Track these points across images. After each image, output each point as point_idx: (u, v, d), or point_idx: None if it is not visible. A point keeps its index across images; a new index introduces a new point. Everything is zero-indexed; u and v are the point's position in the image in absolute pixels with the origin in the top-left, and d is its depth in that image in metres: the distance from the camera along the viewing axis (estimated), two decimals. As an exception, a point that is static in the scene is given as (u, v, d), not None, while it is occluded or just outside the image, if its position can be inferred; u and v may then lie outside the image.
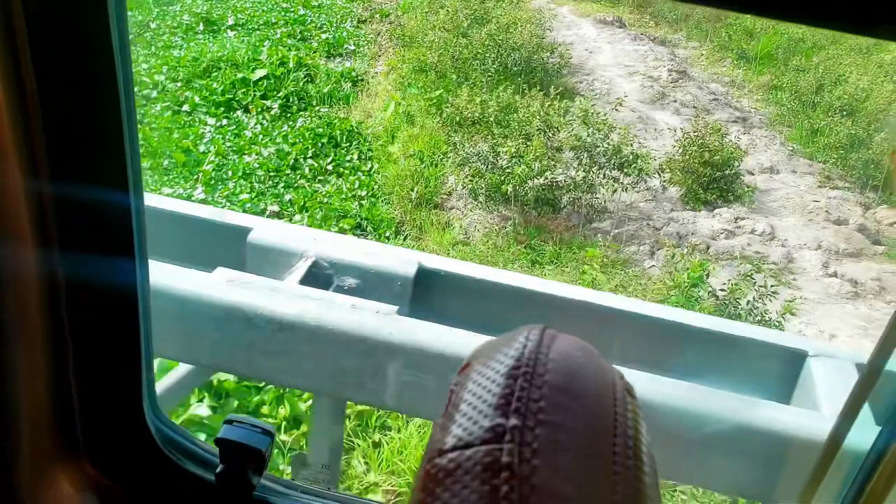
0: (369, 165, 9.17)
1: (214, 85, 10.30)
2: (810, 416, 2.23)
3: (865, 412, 1.55)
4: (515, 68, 10.04)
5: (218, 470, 1.35)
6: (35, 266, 1.16)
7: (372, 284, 2.60)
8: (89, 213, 1.19)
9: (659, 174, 8.19)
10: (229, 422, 1.35)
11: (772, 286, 5.64)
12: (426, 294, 2.68)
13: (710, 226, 7.98)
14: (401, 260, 2.66)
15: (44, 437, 1.29)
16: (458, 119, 8.78)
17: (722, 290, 5.72)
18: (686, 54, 12.92)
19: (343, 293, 2.53)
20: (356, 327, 2.28)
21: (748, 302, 5.56)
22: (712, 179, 8.36)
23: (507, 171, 7.66)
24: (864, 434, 1.46)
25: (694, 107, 10.65)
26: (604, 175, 8.00)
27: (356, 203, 8.56)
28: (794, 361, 2.45)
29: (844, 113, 9.69)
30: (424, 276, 2.67)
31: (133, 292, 1.25)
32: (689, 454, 2.19)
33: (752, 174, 9.12)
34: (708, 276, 5.87)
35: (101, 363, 1.30)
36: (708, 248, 7.62)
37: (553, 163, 7.94)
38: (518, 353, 0.59)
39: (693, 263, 6.03)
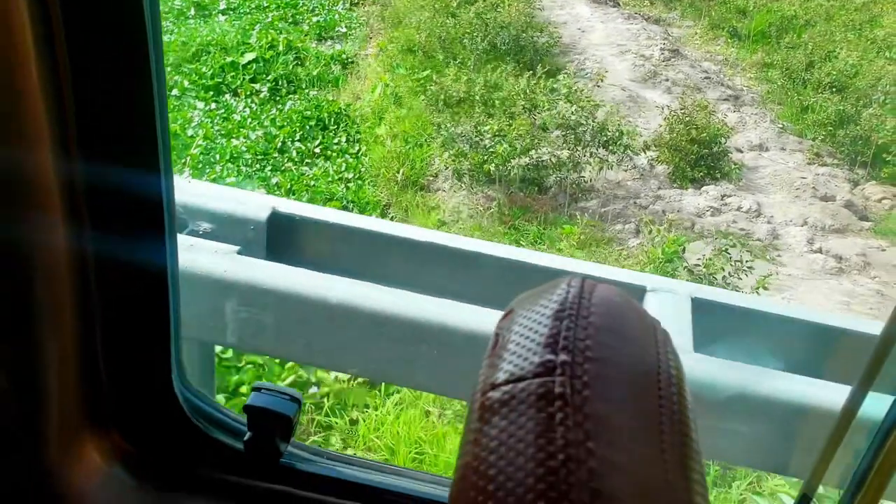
0: (357, 148, 9.16)
1: (203, 69, 10.29)
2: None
3: (881, 382, 1.55)
4: (504, 48, 9.99)
5: (246, 437, 1.36)
6: (65, 242, 1.18)
7: (226, 229, 2.62)
8: (120, 191, 1.20)
9: (644, 151, 8.16)
10: (257, 389, 1.35)
11: (747, 261, 5.63)
12: (284, 238, 2.71)
13: (696, 203, 7.96)
14: (255, 204, 2.69)
15: (73, 408, 1.30)
16: (443, 99, 8.75)
17: (697, 265, 5.72)
18: (680, 33, 12.83)
19: (198, 237, 2.55)
20: (188, 265, 2.30)
21: (723, 277, 5.56)
22: (699, 157, 8.33)
23: (490, 150, 7.65)
24: (879, 404, 1.46)
25: (686, 85, 10.59)
26: (589, 153, 7.98)
27: (343, 186, 8.57)
28: (633, 296, 2.52)
29: (834, 89, 9.62)
30: (279, 221, 2.69)
31: (163, 268, 1.26)
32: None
33: (741, 152, 9.08)
34: (684, 251, 5.87)
35: (129, 336, 1.32)
36: (693, 225, 7.60)
37: (538, 141, 7.92)
38: (561, 297, 0.62)
39: (668, 239, 6.03)
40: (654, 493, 0.53)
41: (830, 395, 2.20)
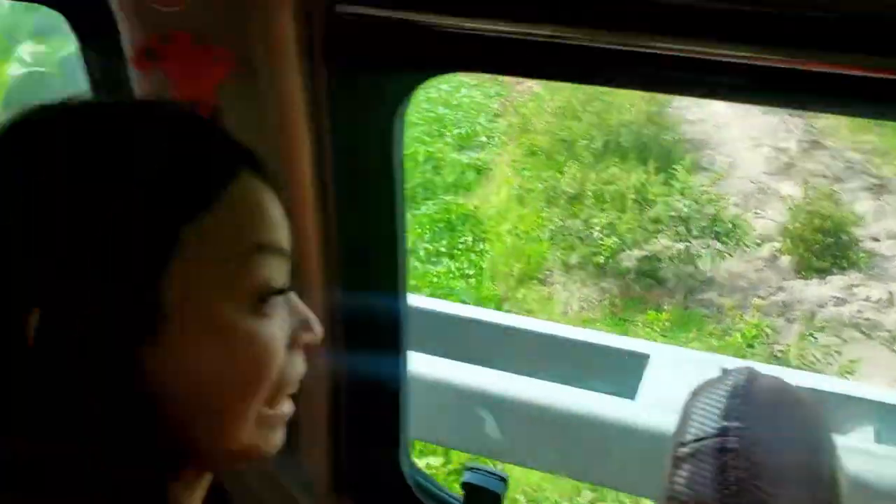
0: (481, 246, 9.54)
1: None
2: None
3: None
4: (626, 145, 10.16)
5: None
6: (324, 366, 1.46)
7: None
8: (366, 314, 1.47)
9: (762, 243, 7.97)
10: (470, 469, 1.56)
11: (835, 348, 5.36)
12: None
13: (818, 294, 7.61)
14: None
15: (321, 476, 1.60)
16: (557, 196, 9.01)
17: (781, 351, 5.51)
18: (824, 124, 12.43)
19: None
20: None
21: (810, 363, 5.32)
22: (825, 246, 8.01)
23: (600, 243, 7.77)
24: None
25: (823, 176, 10.23)
26: (706, 245, 7.90)
27: (463, 281, 8.92)
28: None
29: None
30: None
31: (397, 377, 1.56)
32: None
33: (878, 241, 8.61)
34: (769, 337, 5.67)
35: (372, 432, 1.63)
36: (814, 315, 7.27)
37: (650, 235, 7.96)
38: (734, 383, 0.87)
39: (748, 324, 5.85)
40: None
41: None
